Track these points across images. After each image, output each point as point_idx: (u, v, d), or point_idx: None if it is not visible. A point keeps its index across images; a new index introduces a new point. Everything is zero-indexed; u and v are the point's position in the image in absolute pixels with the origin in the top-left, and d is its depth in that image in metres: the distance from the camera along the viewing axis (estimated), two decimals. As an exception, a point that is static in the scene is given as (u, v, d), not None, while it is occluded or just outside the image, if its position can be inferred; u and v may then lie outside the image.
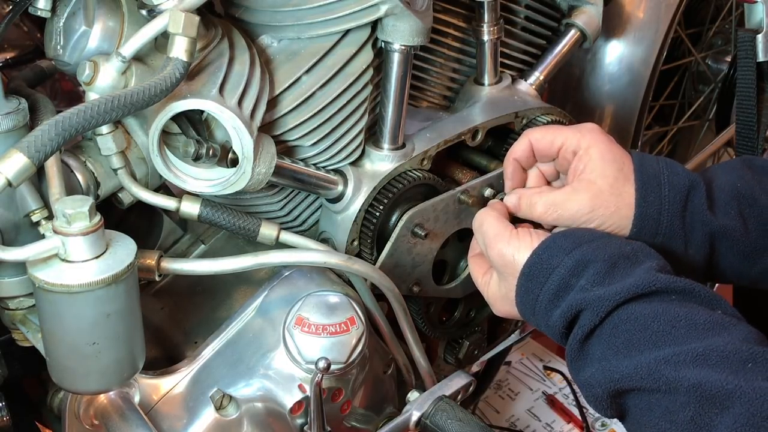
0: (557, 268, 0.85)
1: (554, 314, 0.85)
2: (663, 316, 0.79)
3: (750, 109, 1.21)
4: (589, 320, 0.81)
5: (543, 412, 1.70)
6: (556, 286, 0.85)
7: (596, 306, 0.81)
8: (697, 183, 0.94)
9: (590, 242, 0.86)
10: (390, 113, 0.98)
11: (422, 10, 0.93)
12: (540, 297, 0.86)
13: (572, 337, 0.83)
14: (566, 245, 0.86)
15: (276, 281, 0.96)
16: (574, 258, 0.85)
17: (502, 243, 0.90)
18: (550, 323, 0.86)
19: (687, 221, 0.92)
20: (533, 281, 0.87)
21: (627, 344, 0.79)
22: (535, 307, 0.87)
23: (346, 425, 0.97)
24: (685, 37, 1.60)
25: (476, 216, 0.96)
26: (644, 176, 0.93)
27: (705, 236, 0.93)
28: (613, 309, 0.81)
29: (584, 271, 0.84)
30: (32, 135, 0.73)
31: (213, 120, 0.88)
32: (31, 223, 0.85)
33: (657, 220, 0.92)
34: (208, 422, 0.90)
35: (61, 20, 0.89)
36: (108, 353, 0.79)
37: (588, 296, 0.82)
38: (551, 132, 0.97)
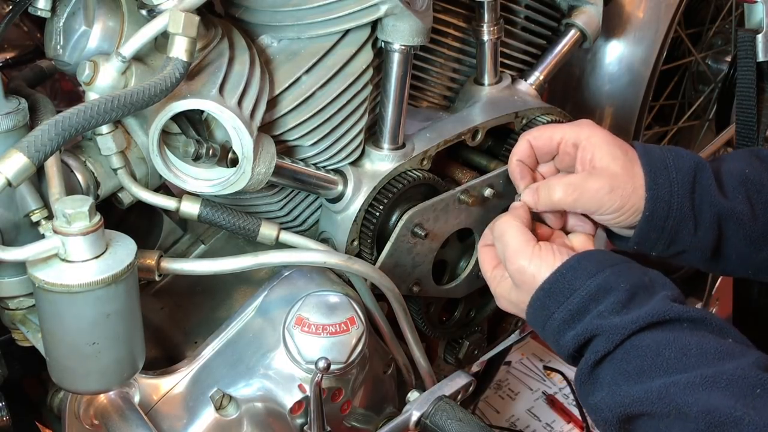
0: (578, 291, 0.85)
1: (567, 335, 0.85)
2: (674, 344, 0.80)
3: (750, 109, 1.21)
4: (603, 347, 0.82)
5: (543, 412, 1.70)
6: (574, 309, 0.85)
7: (611, 333, 0.82)
8: (703, 165, 0.94)
9: (613, 266, 0.86)
10: (390, 113, 0.98)
11: (422, 10, 0.93)
12: (555, 315, 0.86)
13: (584, 362, 0.84)
14: (590, 268, 0.86)
15: (276, 281, 0.96)
16: (597, 282, 0.84)
17: (523, 259, 0.89)
18: (560, 342, 0.86)
19: (696, 202, 0.93)
20: (551, 299, 0.86)
21: (638, 370, 0.80)
22: (547, 323, 0.87)
23: (346, 425, 0.97)
24: (685, 37, 1.60)
25: (498, 223, 0.94)
26: (650, 161, 0.94)
27: (713, 217, 0.93)
28: (627, 337, 0.82)
29: (605, 297, 0.84)
30: (32, 135, 0.73)
31: (213, 120, 0.88)
32: (31, 223, 0.85)
33: (668, 202, 0.93)
34: (208, 422, 0.90)
35: (61, 20, 0.89)
36: (108, 353, 0.79)
37: (604, 323, 0.82)
38: (548, 129, 0.98)
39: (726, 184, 0.94)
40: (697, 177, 0.94)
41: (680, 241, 0.94)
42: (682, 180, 0.93)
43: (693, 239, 0.94)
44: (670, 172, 0.94)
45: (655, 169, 0.93)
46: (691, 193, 0.93)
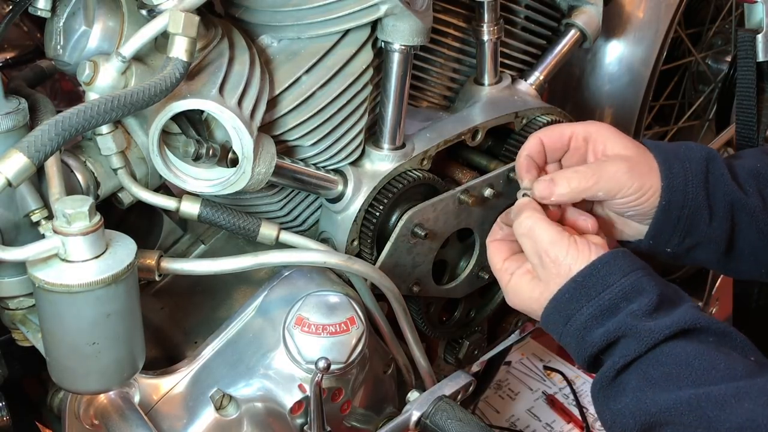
0: (612, 287, 0.84)
1: (595, 332, 0.83)
2: (704, 356, 0.79)
3: (750, 109, 1.21)
4: (634, 349, 0.81)
5: (543, 412, 1.70)
6: (606, 305, 0.83)
7: (644, 336, 0.81)
8: (714, 154, 0.95)
9: (645, 269, 0.85)
10: (390, 113, 0.98)
11: (422, 10, 0.93)
12: (584, 309, 0.84)
13: (609, 365, 0.82)
14: (624, 266, 0.85)
15: (276, 281, 0.96)
16: (630, 281, 0.84)
17: (560, 250, 0.87)
18: (586, 339, 0.84)
19: (710, 191, 0.93)
20: (583, 292, 0.85)
21: (666, 378, 0.79)
22: (573, 317, 0.85)
23: (346, 425, 0.97)
24: (685, 37, 1.60)
25: (521, 220, 0.91)
26: (662, 151, 0.94)
27: (727, 206, 0.93)
28: (660, 342, 0.81)
29: (637, 298, 0.83)
30: (32, 135, 0.73)
31: (213, 120, 0.88)
32: (31, 223, 0.86)
33: (684, 191, 0.93)
34: (208, 422, 0.90)
35: (61, 20, 0.89)
36: (108, 353, 0.79)
37: (638, 325, 0.81)
38: (559, 126, 0.98)
39: (739, 176, 0.95)
40: (709, 166, 0.94)
41: (695, 232, 0.94)
42: (696, 169, 0.93)
43: (708, 230, 0.94)
44: (683, 162, 0.93)
45: (668, 159, 0.93)
46: (704, 182, 0.93)
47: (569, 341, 0.87)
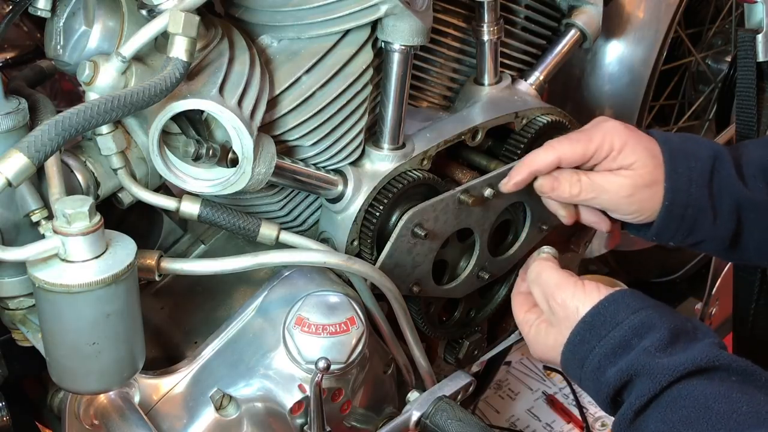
0: (621, 324, 0.82)
1: (609, 372, 0.81)
2: (724, 399, 0.76)
3: (750, 109, 1.21)
4: (648, 389, 0.78)
5: (543, 412, 1.70)
6: (617, 343, 0.82)
7: (657, 375, 0.78)
8: (722, 153, 0.94)
9: (656, 307, 0.84)
10: (390, 113, 0.98)
11: (422, 10, 0.93)
12: (596, 350, 0.83)
13: (626, 407, 0.80)
14: (633, 304, 0.84)
15: (276, 281, 0.96)
16: (640, 318, 0.82)
17: (566, 293, 0.87)
18: (601, 380, 0.82)
19: (714, 191, 0.93)
20: (593, 332, 0.83)
21: (685, 422, 0.76)
22: (587, 359, 0.83)
23: (346, 425, 0.97)
24: (685, 37, 1.60)
25: (532, 267, 0.93)
26: (671, 150, 0.94)
27: (732, 206, 0.93)
28: (674, 381, 0.78)
29: (647, 334, 0.81)
30: (32, 135, 0.73)
31: (213, 120, 0.87)
32: (31, 223, 0.86)
33: (687, 192, 0.93)
34: (208, 422, 0.90)
35: (61, 20, 0.89)
36: (108, 353, 0.79)
37: (650, 363, 0.79)
38: (581, 144, 0.96)
39: (746, 172, 0.94)
40: (715, 166, 0.93)
41: (699, 231, 0.94)
42: (701, 168, 0.93)
43: (712, 229, 0.94)
44: (689, 161, 0.93)
45: (674, 158, 0.93)
46: (709, 182, 0.93)
47: (588, 385, 0.85)
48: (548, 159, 0.97)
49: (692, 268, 1.98)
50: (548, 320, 0.90)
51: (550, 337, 0.89)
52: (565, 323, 0.86)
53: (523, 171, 0.99)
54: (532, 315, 0.93)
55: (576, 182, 0.95)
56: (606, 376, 0.81)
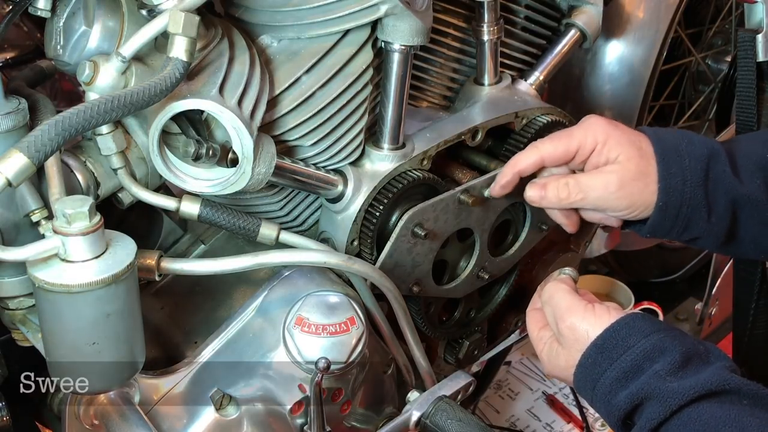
0: (633, 348, 0.82)
1: (620, 395, 0.81)
2: (734, 423, 0.76)
3: (750, 109, 1.21)
4: (659, 413, 0.78)
5: (543, 412, 1.70)
6: (628, 366, 0.82)
7: (668, 398, 0.78)
8: (717, 150, 0.94)
9: (667, 331, 0.84)
10: (390, 113, 0.98)
11: (422, 10, 0.93)
12: (607, 373, 0.83)
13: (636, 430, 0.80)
14: (645, 327, 0.84)
15: (276, 281, 0.96)
16: (651, 342, 0.82)
17: (575, 317, 0.87)
18: (612, 403, 0.82)
19: (709, 189, 0.93)
20: (604, 355, 0.84)
21: None
22: (598, 382, 0.83)
23: (346, 425, 0.97)
24: (685, 37, 1.60)
25: (546, 287, 0.93)
26: (663, 150, 0.94)
27: (728, 203, 0.93)
28: (685, 405, 0.78)
29: (660, 357, 0.81)
30: (32, 135, 0.73)
31: (213, 120, 0.87)
32: (31, 223, 0.86)
33: (681, 191, 0.93)
34: (208, 422, 0.90)
35: (61, 20, 0.89)
36: (108, 353, 0.79)
37: (661, 386, 0.79)
38: (562, 141, 0.96)
39: (742, 168, 0.94)
40: (710, 164, 0.93)
41: (694, 227, 0.94)
42: (695, 167, 0.93)
43: (707, 226, 0.94)
44: (683, 160, 0.93)
45: (667, 158, 0.93)
46: (704, 180, 0.93)
47: (600, 407, 0.85)
48: (531, 159, 0.97)
49: (692, 268, 1.99)
50: (559, 341, 0.90)
51: (561, 358, 0.89)
52: (575, 346, 0.86)
53: (507, 173, 0.99)
54: (547, 332, 0.93)
55: (563, 186, 0.95)
56: (617, 399, 0.81)
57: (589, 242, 1.31)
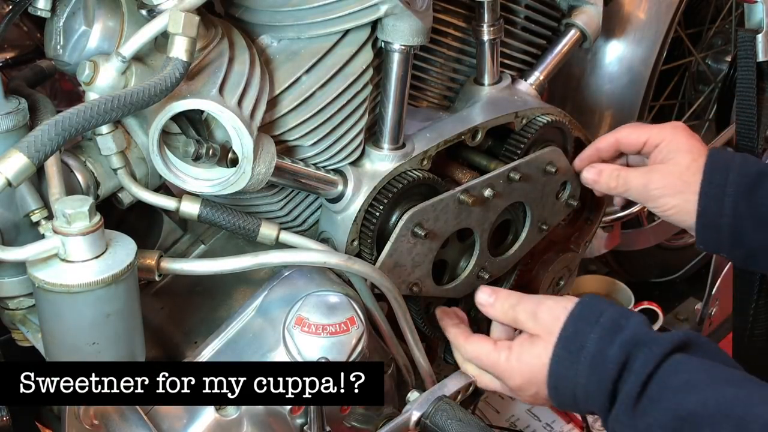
0: (606, 312, 0.88)
1: (610, 352, 0.84)
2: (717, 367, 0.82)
3: (750, 109, 1.21)
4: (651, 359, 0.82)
5: (543, 412, 1.70)
6: (609, 324, 0.86)
7: (659, 342, 0.83)
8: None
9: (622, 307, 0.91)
10: (390, 113, 0.98)
11: (422, 10, 0.93)
12: (592, 335, 0.86)
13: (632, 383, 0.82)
14: (603, 301, 0.91)
15: (276, 281, 0.96)
16: (616, 308, 0.89)
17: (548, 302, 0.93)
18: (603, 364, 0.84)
19: (753, 203, 0.98)
20: (583, 321, 0.88)
21: (687, 384, 0.80)
22: (584, 348, 0.86)
23: (346, 425, 0.97)
24: (685, 37, 1.60)
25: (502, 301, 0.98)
26: (713, 163, 1.01)
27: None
28: (673, 351, 0.83)
29: (631, 316, 0.87)
30: (32, 135, 0.73)
31: (213, 120, 0.87)
32: (31, 223, 0.86)
33: (720, 200, 0.99)
34: (208, 422, 0.90)
35: (61, 20, 0.89)
36: (108, 353, 0.79)
37: (649, 333, 0.85)
38: (637, 130, 1.09)
39: None
40: (760, 179, 0.99)
41: (744, 241, 1.00)
42: (741, 181, 0.99)
43: (756, 240, 0.99)
44: (729, 173, 1.00)
45: (713, 171, 1.00)
46: (748, 194, 0.98)
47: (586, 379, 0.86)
48: (609, 139, 1.11)
49: (692, 268, 1.98)
50: (530, 337, 0.92)
51: (536, 348, 0.91)
52: (555, 323, 0.90)
53: (589, 148, 1.13)
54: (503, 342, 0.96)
55: (615, 177, 1.08)
56: (608, 356, 0.84)
57: (589, 242, 1.31)
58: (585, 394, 0.86)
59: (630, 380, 0.82)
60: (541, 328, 0.91)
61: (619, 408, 0.83)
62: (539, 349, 0.90)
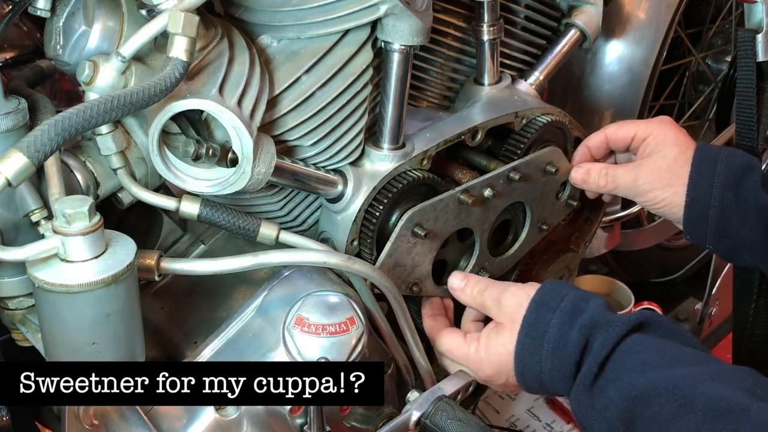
0: (566, 296, 0.91)
1: (571, 335, 0.87)
2: (672, 346, 0.85)
3: (750, 109, 1.21)
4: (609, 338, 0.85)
5: (543, 412, 1.70)
6: (570, 308, 0.90)
7: (613, 325, 0.87)
8: (755, 164, 1.02)
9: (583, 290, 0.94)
10: (390, 113, 0.98)
11: (422, 10, 0.93)
12: (553, 321, 0.89)
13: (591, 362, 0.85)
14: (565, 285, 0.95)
15: (276, 281, 0.96)
16: (575, 292, 0.92)
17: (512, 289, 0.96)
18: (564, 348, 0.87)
19: (740, 196, 1.00)
20: (545, 307, 0.91)
21: (641, 364, 0.83)
22: (547, 333, 0.89)
23: (346, 425, 0.97)
24: (685, 37, 1.60)
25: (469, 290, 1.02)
26: (701, 156, 1.03)
27: (758, 211, 0.99)
28: (630, 331, 0.86)
29: (590, 298, 0.91)
30: (32, 135, 0.73)
31: (213, 120, 0.87)
32: (31, 223, 0.85)
33: (708, 191, 1.01)
34: (208, 422, 0.90)
35: (61, 20, 0.89)
36: (108, 353, 0.79)
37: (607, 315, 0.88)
38: (624, 126, 1.11)
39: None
40: (745, 173, 1.00)
41: (730, 234, 1.01)
42: (728, 174, 1.00)
43: (741, 232, 1.01)
44: (717, 165, 1.01)
45: (702, 163, 1.02)
46: (735, 186, 1.00)
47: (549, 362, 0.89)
48: (598, 136, 1.13)
49: (692, 268, 1.99)
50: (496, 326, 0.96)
51: (502, 337, 0.94)
52: (518, 310, 0.93)
53: (580, 148, 1.15)
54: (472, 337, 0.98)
55: (603, 175, 1.09)
56: (570, 338, 0.87)
57: (589, 242, 1.31)
58: (550, 378, 0.90)
59: (588, 361, 0.86)
60: (505, 316, 0.94)
61: (578, 387, 0.86)
62: (504, 337, 0.93)
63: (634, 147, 1.10)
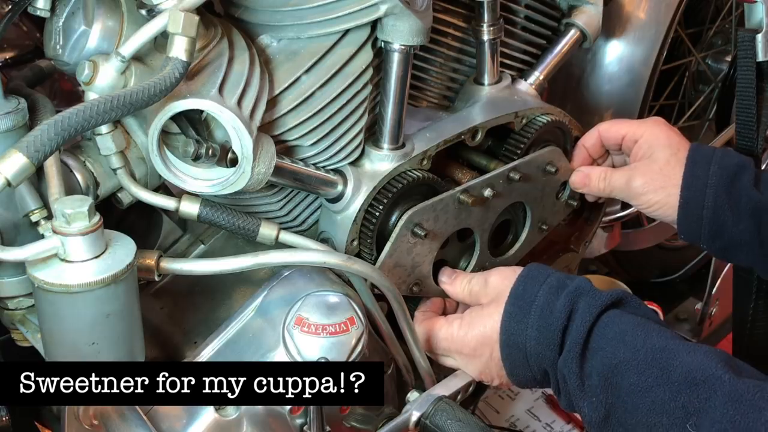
0: (552, 274, 0.94)
1: (558, 303, 0.89)
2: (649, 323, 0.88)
3: (750, 109, 1.21)
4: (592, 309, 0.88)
5: (543, 412, 1.70)
6: (555, 283, 0.92)
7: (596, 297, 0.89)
8: (748, 164, 1.03)
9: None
10: (390, 113, 0.98)
11: (422, 10, 0.93)
12: (540, 292, 0.91)
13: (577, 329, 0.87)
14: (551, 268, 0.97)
15: (276, 281, 0.96)
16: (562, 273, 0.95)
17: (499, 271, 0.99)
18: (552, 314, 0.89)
19: (733, 196, 1.01)
20: (533, 281, 0.93)
21: (621, 335, 0.86)
22: (534, 303, 0.91)
23: (345, 425, 0.97)
24: (685, 37, 1.60)
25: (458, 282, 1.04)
26: (695, 157, 1.04)
27: (750, 211, 1.00)
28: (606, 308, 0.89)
29: (575, 278, 0.93)
30: (31, 135, 0.73)
31: (212, 120, 0.87)
32: (31, 223, 0.85)
33: (702, 191, 1.02)
34: (207, 422, 0.90)
35: (61, 20, 0.89)
36: (108, 353, 0.79)
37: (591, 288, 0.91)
38: (617, 125, 1.13)
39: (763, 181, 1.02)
40: (738, 173, 1.02)
41: (723, 233, 1.02)
42: (721, 174, 1.01)
43: (734, 231, 1.02)
44: (710, 166, 1.02)
45: (695, 164, 1.03)
46: (728, 186, 1.01)
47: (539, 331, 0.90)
48: (592, 134, 1.14)
49: (692, 268, 1.98)
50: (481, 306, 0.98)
51: (487, 310, 0.96)
52: (506, 285, 0.95)
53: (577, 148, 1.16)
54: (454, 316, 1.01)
55: (602, 179, 1.10)
56: (556, 307, 0.90)
57: (589, 242, 1.31)
58: (536, 348, 0.91)
59: (574, 329, 0.88)
60: (492, 292, 0.97)
61: (567, 354, 0.88)
62: (491, 309, 0.96)
63: (626, 148, 1.11)
